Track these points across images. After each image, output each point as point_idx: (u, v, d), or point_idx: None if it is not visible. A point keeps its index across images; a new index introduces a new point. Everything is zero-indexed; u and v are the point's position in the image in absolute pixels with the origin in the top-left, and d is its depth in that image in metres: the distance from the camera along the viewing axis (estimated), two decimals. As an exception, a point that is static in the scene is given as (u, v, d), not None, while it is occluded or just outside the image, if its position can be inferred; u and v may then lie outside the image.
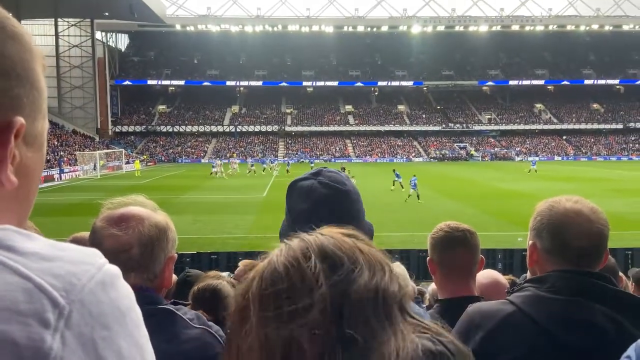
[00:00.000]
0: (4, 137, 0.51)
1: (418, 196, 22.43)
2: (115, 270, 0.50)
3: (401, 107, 76.88)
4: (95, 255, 0.50)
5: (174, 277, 3.45)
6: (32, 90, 0.55)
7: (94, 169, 42.55)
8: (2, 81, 0.51)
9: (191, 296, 2.28)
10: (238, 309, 0.59)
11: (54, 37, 60.59)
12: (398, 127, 72.03)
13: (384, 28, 73.59)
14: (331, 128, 71.49)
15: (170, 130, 69.93)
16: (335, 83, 76.16)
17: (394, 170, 27.94)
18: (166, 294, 1.55)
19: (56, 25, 60.48)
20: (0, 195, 0.51)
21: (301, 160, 59.57)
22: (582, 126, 71.96)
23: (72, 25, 62.17)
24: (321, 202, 1.18)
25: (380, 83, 76.37)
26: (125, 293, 0.50)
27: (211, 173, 38.45)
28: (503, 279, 2.32)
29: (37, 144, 0.57)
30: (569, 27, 73.09)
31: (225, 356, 0.60)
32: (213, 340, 1.34)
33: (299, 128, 71.58)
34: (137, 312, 0.51)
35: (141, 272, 1.26)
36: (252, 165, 43.93)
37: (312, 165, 45.87)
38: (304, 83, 76.42)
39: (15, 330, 0.42)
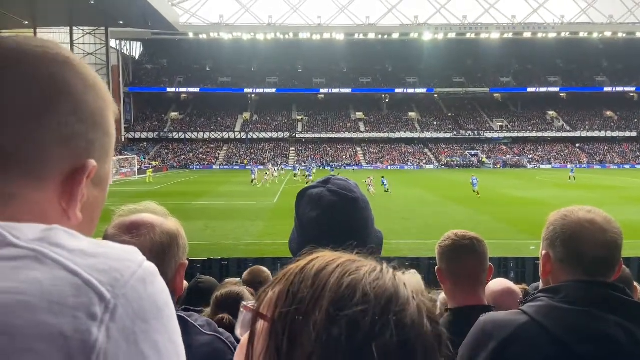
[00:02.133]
0: (79, 177, 0.56)
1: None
2: (153, 267, 0.52)
3: (412, 114, 76.74)
4: (135, 253, 0.52)
5: (185, 283, 3.48)
6: (104, 136, 0.59)
7: (107, 175, 42.93)
8: (81, 126, 0.56)
9: (214, 301, 2.31)
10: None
11: (69, 45, 61.56)
12: (409, 134, 71.85)
13: (395, 35, 73.69)
14: (342, 135, 71.53)
15: (183, 136, 70.52)
16: (347, 90, 76.34)
17: (382, 177, 30.88)
18: (177, 300, 1.56)
19: (71, 34, 61.52)
20: (65, 227, 0.54)
21: (333, 167, 57.13)
22: (596, 134, 71.16)
23: (87, 33, 63.19)
24: (330, 210, 1.18)
25: (391, 90, 76.38)
26: (162, 289, 0.52)
27: (252, 181, 36.37)
28: (516, 288, 2.30)
29: (103, 185, 0.62)
30: (581, 34, 72.57)
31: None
32: (224, 346, 1.34)
33: (310, 135, 71.73)
34: (171, 308, 0.53)
35: None
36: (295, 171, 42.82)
37: (332, 171, 45.14)
38: (315, 90, 76.73)
39: (64, 322, 0.43)
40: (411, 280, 0.56)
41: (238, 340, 1.80)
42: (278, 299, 0.53)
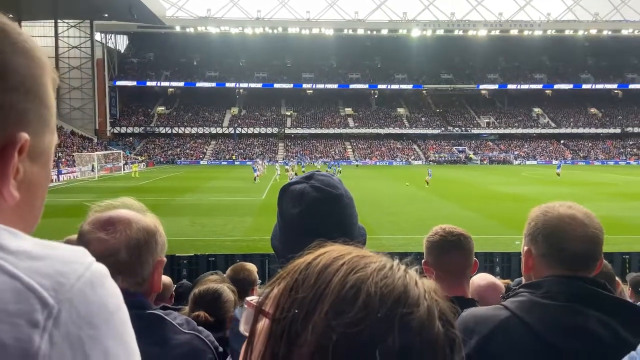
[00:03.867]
0: (7, 152, 0.52)
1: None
2: (103, 269, 0.50)
3: (401, 110, 77.02)
4: (83, 255, 0.49)
5: (169, 279, 3.43)
6: (40, 106, 0.55)
7: (92, 171, 42.49)
8: (9, 96, 0.51)
9: (192, 298, 2.27)
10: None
11: (54, 38, 60.62)
12: (397, 130, 72.14)
13: (384, 31, 73.77)
14: (331, 130, 71.56)
15: (169, 131, 69.91)
16: (335, 85, 76.30)
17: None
18: (155, 298, 1.53)
19: (56, 27, 60.56)
20: (1, 209, 0.51)
21: (331, 164, 51.96)
22: (580, 130, 72.16)
23: (72, 26, 62.25)
24: (313, 206, 1.16)
25: (380, 86, 76.53)
26: (113, 292, 0.49)
27: (255, 179, 34.44)
28: (499, 283, 2.32)
29: (43, 160, 0.57)
30: (567, 32, 73.35)
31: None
32: (203, 345, 1.32)
33: (299, 130, 71.62)
34: (124, 312, 0.50)
35: (129, 276, 1.22)
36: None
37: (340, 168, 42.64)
38: (304, 85, 76.54)
39: (3, 330, 0.41)
40: (425, 279, 0.53)
41: (220, 339, 1.79)
42: (280, 297, 0.52)
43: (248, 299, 0.58)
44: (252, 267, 3.11)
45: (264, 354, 0.50)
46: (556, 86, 77.18)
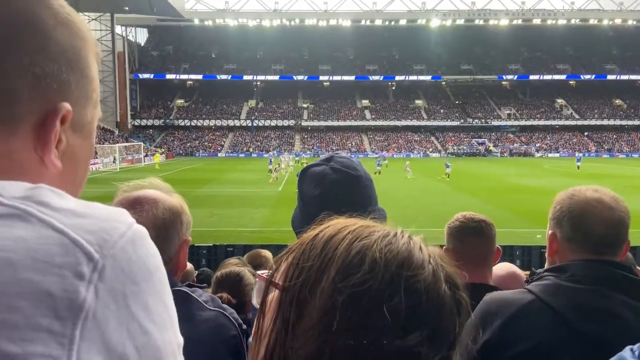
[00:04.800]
0: (49, 121, 0.52)
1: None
2: (143, 230, 0.51)
3: (419, 102, 76.25)
4: (124, 214, 0.51)
5: (190, 265, 3.49)
6: (81, 77, 0.56)
7: (114, 162, 43.23)
8: (50, 65, 0.52)
9: (214, 281, 2.31)
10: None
11: (75, 31, 61.56)
12: (415, 122, 71.45)
13: (402, 22, 72.94)
14: (347, 123, 71.28)
15: (188, 124, 70.57)
16: (352, 77, 75.86)
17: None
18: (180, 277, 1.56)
19: (77, 20, 61.43)
20: (44, 178, 0.52)
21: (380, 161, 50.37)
22: (604, 122, 70.46)
23: (93, 19, 63.07)
24: (333, 187, 1.17)
25: (397, 77, 75.84)
26: (153, 252, 0.51)
27: (270, 171, 32.86)
28: (520, 272, 2.29)
29: (86, 132, 0.59)
30: (591, 21, 71.54)
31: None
32: (227, 322, 1.35)
33: (315, 123, 71.52)
34: (163, 273, 0.52)
35: None
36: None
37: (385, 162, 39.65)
38: (321, 77, 76.31)
39: (50, 281, 0.42)
40: (431, 246, 0.54)
41: (244, 317, 1.83)
42: (289, 268, 0.53)
43: (259, 272, 0.59)
44: (268, 253, 3.15)
45: (275, 320, 0.52)
46: (580, 77, 75.44)
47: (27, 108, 0.51)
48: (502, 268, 2.17)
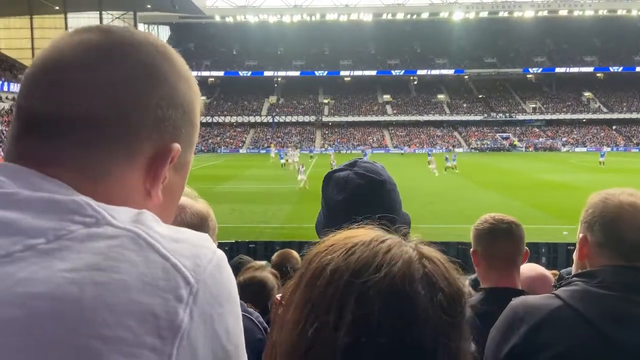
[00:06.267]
0: (164, 158, 0.59)
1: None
2: (223, 255, 0.56)
3: (441, 97, 75.29)
4: (209, 240, 0.56)
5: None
6: (190, 125, 0.63)
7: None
8: (173, 112, 0.60)
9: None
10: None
11: (100, 30, 62.68)
12: (438, 117, 70.58)
13: (424, 15, 72.10)
14: (369, 118, 70.87)
15: (210, 120, 71.23)
16: (374, 72, 75.36)
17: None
18: None
19: (101, 19, 62.43)
20: (148, 208, 0.57)
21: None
22: (634, 115, 68.28)
23: (116, 18, 64.10)
24: (357, 192, 1.17)
25: (419, 72, 75.01)
26: (230, 275, 0.56)
27: (282, 165, 35.62)
28: (549, 274, 2.22)
29: (184, 171, 0.65)
30: (619, 12, 69.48)
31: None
32: (253, 325, 1.38)
33: (336, 118, 71.34)
34: (236, 292, 0.57)
35: None
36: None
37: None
38: (342, 73, 76.03)
39: (155, 303, 0.47)
40: (425, 247, 0.59)
41: (267, 318, 1.80)
42: (284, 289, 0.63)
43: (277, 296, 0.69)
44: (297, 255, 3.12)
45: (272, 335, 0.62)
46: (607, 69, 73.28)
47: (147, 144, 0.58)
48: (531, 269, 2.10)
